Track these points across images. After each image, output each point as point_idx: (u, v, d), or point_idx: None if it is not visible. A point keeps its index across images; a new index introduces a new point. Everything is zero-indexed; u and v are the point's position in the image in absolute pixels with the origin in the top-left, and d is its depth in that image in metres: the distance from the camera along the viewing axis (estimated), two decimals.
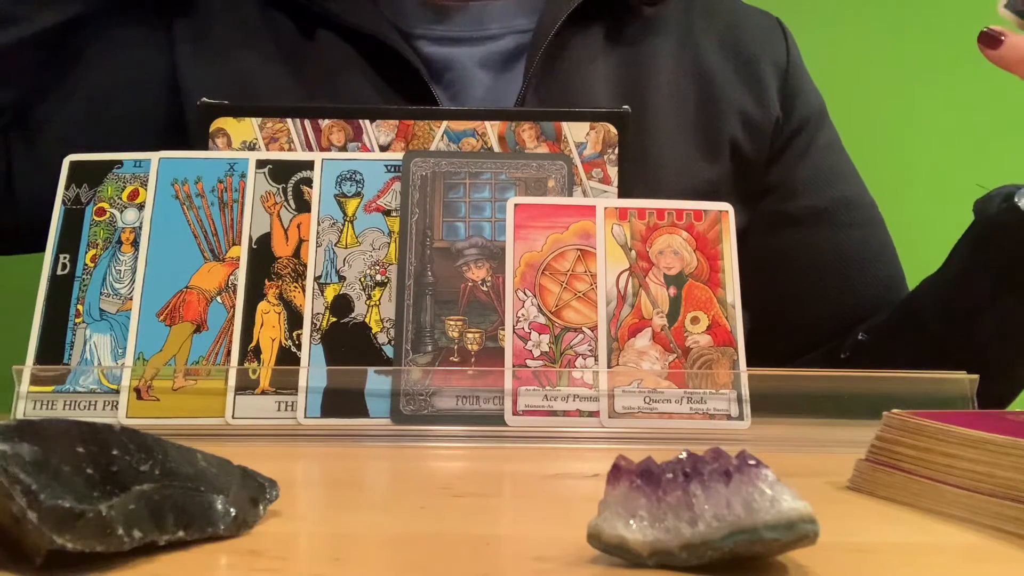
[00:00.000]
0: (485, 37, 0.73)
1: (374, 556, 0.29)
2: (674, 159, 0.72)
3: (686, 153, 0.72)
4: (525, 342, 0.53)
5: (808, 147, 0.77)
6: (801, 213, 0.76)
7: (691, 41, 0.76)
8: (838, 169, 0.79)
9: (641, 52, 0.74)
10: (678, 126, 0.72)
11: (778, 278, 0.76)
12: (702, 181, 0.71)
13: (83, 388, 0.52)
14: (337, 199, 0.56)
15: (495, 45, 0.73)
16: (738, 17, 0.79)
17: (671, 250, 0.55)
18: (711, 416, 0.52)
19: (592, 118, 0.60)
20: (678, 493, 0.26)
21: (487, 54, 0.73)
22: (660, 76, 0.73)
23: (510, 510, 0.37)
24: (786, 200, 0.76)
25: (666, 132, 0.72)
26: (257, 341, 0.53)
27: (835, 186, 0.77)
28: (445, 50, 0.73)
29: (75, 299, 0.54)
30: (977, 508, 0.33)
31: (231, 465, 0.31)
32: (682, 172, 0.71)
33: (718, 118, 0.74)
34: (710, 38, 0.76)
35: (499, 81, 0.72)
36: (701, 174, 0.72)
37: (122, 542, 0.25)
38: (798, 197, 0.76)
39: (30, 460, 0.24)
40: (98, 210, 0.56)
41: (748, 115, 0.75)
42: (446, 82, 0.72)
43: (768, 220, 0.76)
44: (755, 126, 0.75)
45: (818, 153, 0.78)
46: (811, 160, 0.77)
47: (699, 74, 0.75)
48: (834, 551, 0.28)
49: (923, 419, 0.36)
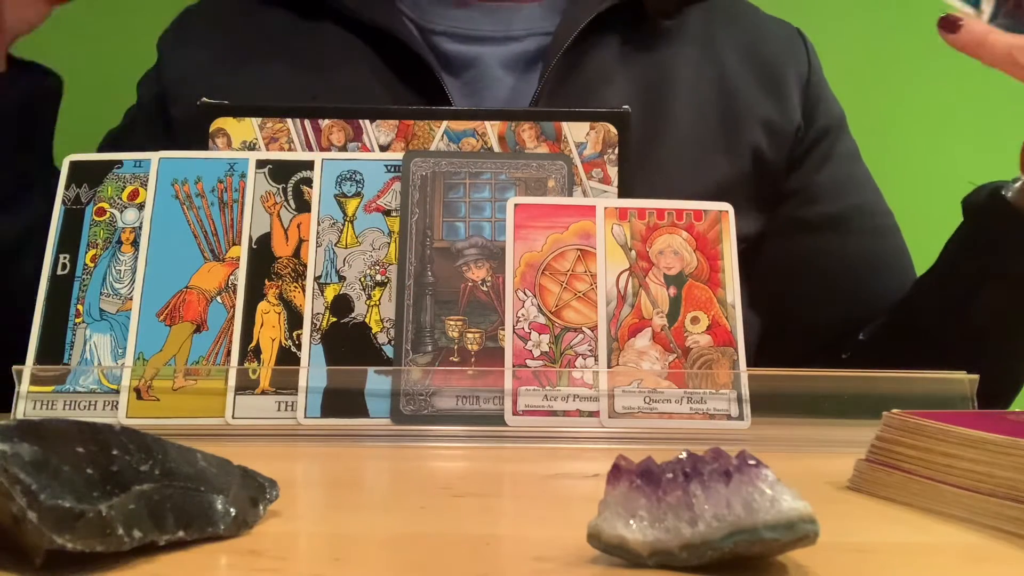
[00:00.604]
0: (508, 38, 0.74)
1: (374, 556, 0.29)
2: (693, 164, 0.72)
3: (706, 158, 0.73)
4: (525, 342, 0.53)
5: (828, 155, 0.78)
6: (819, 219, 0.77)
7: (712, 50, 0.77)
8: (856, 178, 0.80)
9: (661, 61, 0.75)
10: (698, 133, 0.73)
11: (794, 282, 0.77)
12: (720, 186, 0.72)
13: (83, 388, 0.52)
14: (337, 199, 0.56)
15: (518, 46, 0.74)
16: (759, 27, 0.81)
17: (671, 250, 0.55)
18: (711, 416, 0.52)
19: (592, 118, 0.60)
20: (678, 493, 0.26)
21: (509, 55, 0.73)
22: (680, 84, 0.74)
23: (510, 510, 0.37)
24: (805, 206, 0.77)
25: (686, 137, 0.72)
26: (257, 341, 0.53)
27: (853, 194, 0.79)
28: (468, 48, 0.73)
29: (75, 299, 0.54)
30: (977, 508, 0.33)
31: (231, 465, 0.31)
32: (701, 177, 0.71)
33: (741, 125, 0.75)
34: (732, 47, 0.77)
35: (520, 83, 0.73)
36: (720, 179, 0.72)
37: (122, 542, 0.25)
38: (817, 204, 0.77)
39: (30, 460, 0.24)
40: (98, 210, 0.56)
41: (770, 123, 0.76)
42: (466, 80, 0.72)
43: (786, 225, 0.77)
44: (777, 133, 0.76)
45: (838, 161, 0.79)
46: (831, 168, 0.78)
47: (721, 83, 0.76)
48: (834, 551, 0.28)
49: (923, 419, 0.36)
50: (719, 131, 0.74)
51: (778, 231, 0.76)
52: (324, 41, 0.73)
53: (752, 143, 0.74)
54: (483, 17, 0.74)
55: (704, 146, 0.73)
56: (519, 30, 0.74)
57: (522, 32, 0.74)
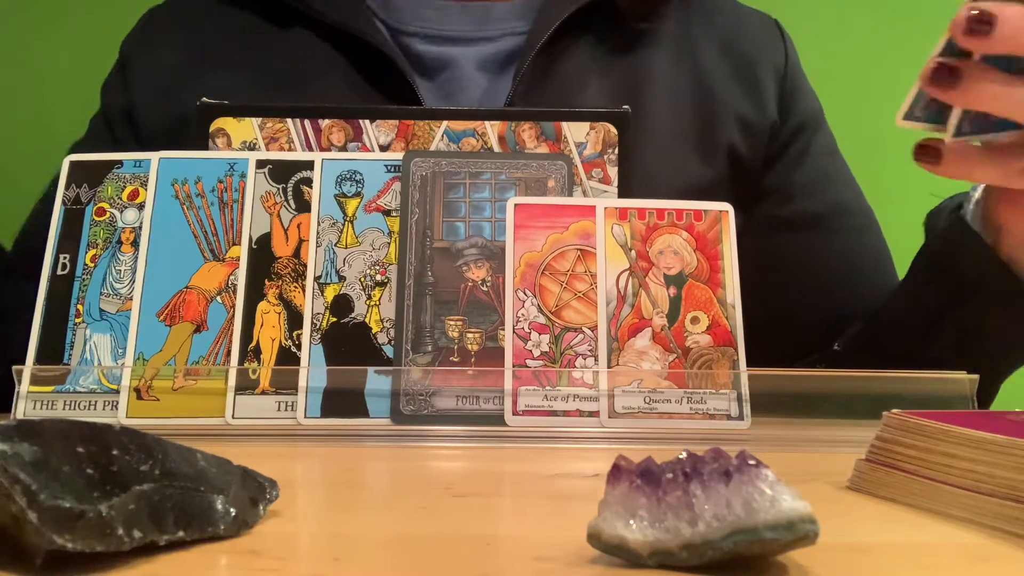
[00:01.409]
0: (482, 38, 0.73)
1: (374, 556, 0.29)
2: (670, 165, 0.71)
3: (682, 158, 0.72)
4: (525, 342, 0.53)
5: (805, 151, 0.77)
6: (797, 217, 0.76)
7: (689, 48, 0.76)
8: (834, 174, 0.79)
9: (637, 60, 0.74)
10: (675, 132, 0.72)
11: (773, 281, 0.75)
12: (697, 186, 0.71)
13: (83, 388, 0.52)
14: (337, 199, 0.56)
15: (492, 46, 0.73)
16: (737, 20, 0.79)
17: (671, 250, 0.55)
18: (711, 416, 0.52)
19: (592, 118, 0.60)
20: (678, 493, 0.26)
21: (484, 55, 0.72)
22: (656, 84, 0.73)
23: (510, 510, 0.37)
24: (782, 204, 0.76)
25: (662, 138, 0.71)
26: (257, 341, 0.53)
27: (831, 191, 0.77)
28: (441, 49, 0.72)
29: (75, 299, 0.54)
30: (977, 508, 0.33)
31: (231, 465, 0.31)
32: (677, 177, 0.71)
33: (716, 124, 0.73)
34: (709, 42, 0.76)
35: (495, 83, 0.72)
36: (697, 179, 0.71)
37: (122, 542, 0.25)
38: (794, 201, 0.76)
39: (30, 460, 0.24)
40: (98, 210, 0.56)
41: (745, 119, 0.74)
42: (440, 82, 0.72)
43: (764, 224, 0.75)
44: (752, 130, 0.75)
45: (815, 158, 0.77)
46: (808, 165, 0.77)
47: (697, 80, 0.74)
48: (834, 551, 0.28)
49: (923, 419, 0.36)
50: (696, 131, 0.73)
51: (756, 229, 0.75)
52: (294, 45, 0.72)
53: (728, 141, 0.73)
54: (456, 16, 0.73)
55: (681, 147, 0.72)
56: (493, 30, 0.73)
57: (496, 32, 0.73)
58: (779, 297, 0.74)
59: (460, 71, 0.72)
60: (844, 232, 0.76)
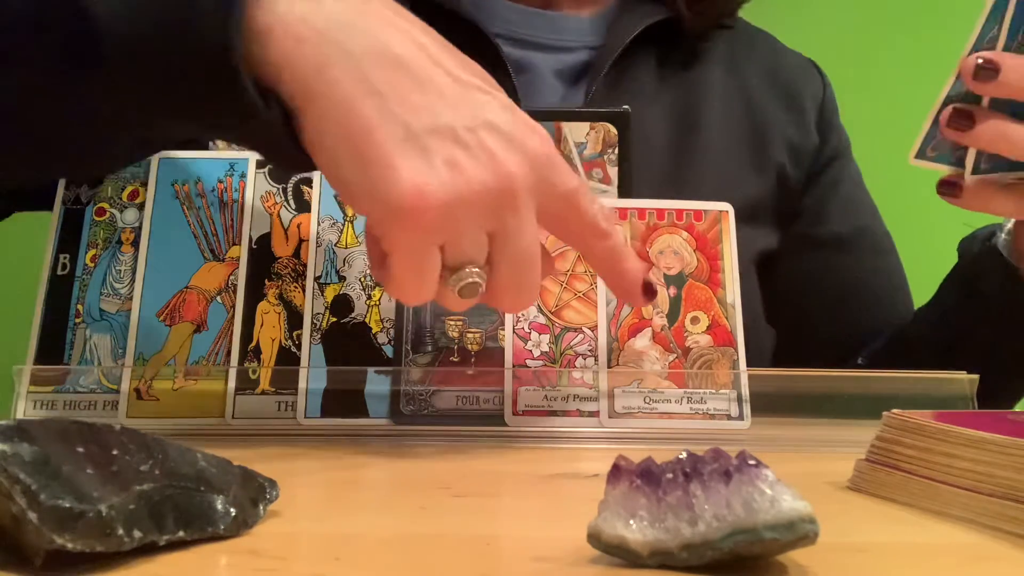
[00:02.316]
0: (561, 47, 0.76)
1: (374, 556, 0.29)
2: (726, 178, 0.75)
3: (738, 173, 0.76)
4: (525, 342, 0.53)
5: (839, 177, 0.82)
6: (827, 238, 0.81)
7: (736, 70, 0.80)
8: (863, 201, 0.84)
9: (693, 78, 0.78)
10: (729, 147, 0.76)
11: (798, 298, 0.80)
12: (750, 201, 0.74)
13: (83, 388, 0.52)
14: (337, 199, 0.56)
15: (569, 57, 0.76)
16: (776, 51, 0.85)
17: (671, 250, 0.55)
18: (711, 416, 0.52)
19: (592, 118, 0.60)
20: (678, 493, 0.26)
21: (561, 64, 0.75)
22: (712, 101, 0.77)
23: (510, 510, 0.37)
24: (815, 225, 0.81)
25: (718, 156, 0.75)
26: (257, 341, 0.53)
27: (859, 217, 0.82)
28: (524, 53, 0.75)
29: (75, 299, 0.54)
30: (977, 508, 0.33)
31: (231, 465, 0.31)
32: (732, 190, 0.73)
33: (767, 142, 0.78)
34: (753, 68, 0.81)
35: (570, 92, 0.75)
36: (750, 194, 0.75)
37: (122, 542, 0.25)
38: (826, 223, 0.81)
39: (30, 460, 0.24)
40: (98, 210, 0.56)
41: (792, 141, 0.79)
42: (521, 83, 0.73)
43: (795, 242, 0.80)
44: (798, 152, 0.80)
45: (846, 184, 0.83)
46: (841, 190, 0.82)
47: (747, 100, 0.79)
48: (834, 551, 0.28)
49: (923, 419, 0.36)
50: (748, 149, 0.77)
51: (790, 248, 0.79)
52: None
53: (778, 161, 0.78)
54: (539, 24, 0.76)
55: (735, 163, 0.76)
56: (571, 41, 0.76)
57: (574, 43, 0.76)
58: (808, 312, 0.80)
59: (539, 76, 0.74)
60: (867, 254, 0.82)
